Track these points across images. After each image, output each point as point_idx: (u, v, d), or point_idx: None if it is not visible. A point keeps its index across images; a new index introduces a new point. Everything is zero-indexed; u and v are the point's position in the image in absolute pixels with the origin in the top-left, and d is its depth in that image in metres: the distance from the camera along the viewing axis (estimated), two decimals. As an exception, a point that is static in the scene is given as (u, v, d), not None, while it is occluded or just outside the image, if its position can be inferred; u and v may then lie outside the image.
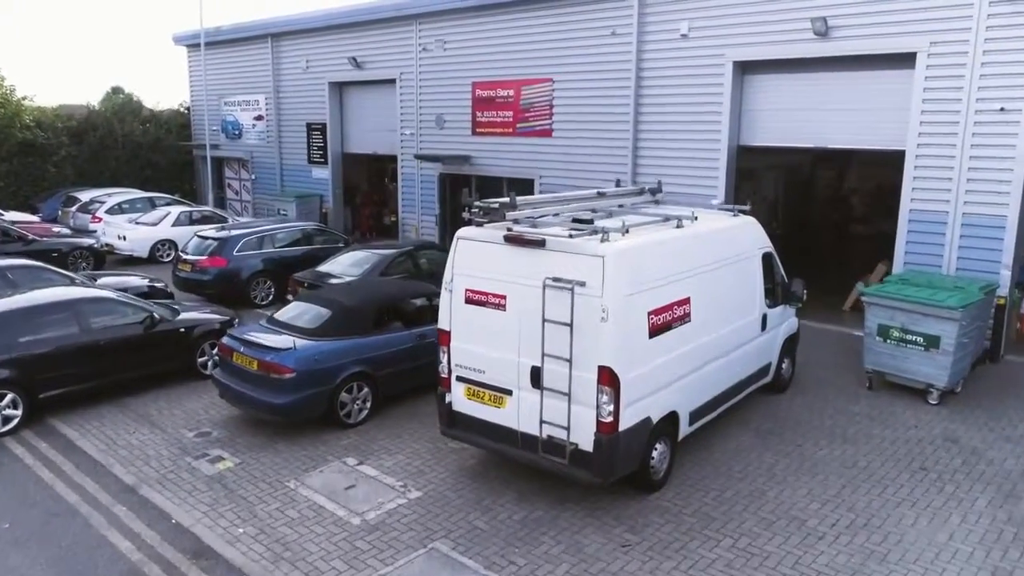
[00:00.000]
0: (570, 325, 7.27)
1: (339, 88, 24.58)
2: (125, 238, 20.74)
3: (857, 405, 10.78)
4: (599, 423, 7.32)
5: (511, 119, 19.33)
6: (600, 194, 9.79)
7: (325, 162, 25.16)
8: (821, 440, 9.57)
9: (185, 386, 11.41)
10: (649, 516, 7.74)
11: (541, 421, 7.65)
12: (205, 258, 15.82)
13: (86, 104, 31.93)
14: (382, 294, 10.75)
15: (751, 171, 18.54)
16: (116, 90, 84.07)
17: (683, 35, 15.87)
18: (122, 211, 22.84)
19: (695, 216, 8.62)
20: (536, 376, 7.64)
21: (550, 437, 7.61)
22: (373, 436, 9.69)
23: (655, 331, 7.76)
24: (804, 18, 14.11)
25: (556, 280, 7.35)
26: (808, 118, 14.88)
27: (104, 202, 23.22)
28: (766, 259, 10.20)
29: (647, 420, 7.74)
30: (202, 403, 10.81)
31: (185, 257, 16.07)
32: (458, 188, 21.54)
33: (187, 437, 9.72)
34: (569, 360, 7.34)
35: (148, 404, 10.79)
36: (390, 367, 10.21)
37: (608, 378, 7.22)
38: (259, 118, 27.40)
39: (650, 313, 7.68)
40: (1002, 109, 12.25)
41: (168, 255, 21.05)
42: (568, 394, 7.40)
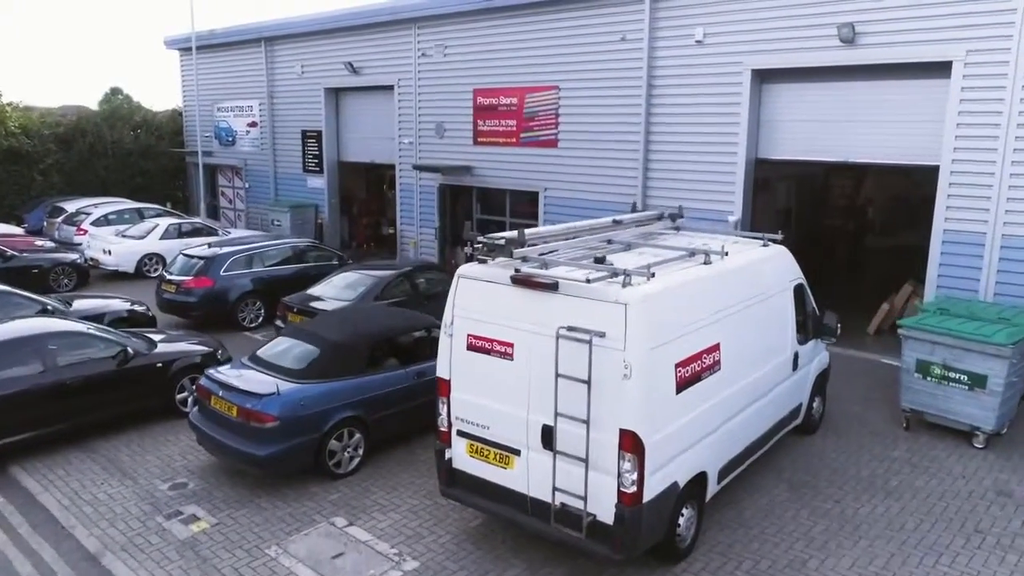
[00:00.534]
0: (587, 382, 6.35)
1: (335, 94, 23.65)
2: (110, 252, 19.80)
3: (896, 449, 9.85)
4: (621, 493, 6.39)
5: (514, 128, 18.41)
6: (616, 222, 8.86)
7: (320, 171, 24.24)
8: (862, 494, 8.64)
9: (162, 425, 10.49)
10: (676, 595, 6.83)
11: (554, 488, 6.72)
12: (190, 278, 14.89)
13: (76, 108, 31.04)
14: (376, 328, 9.81)
15: (764, 180, 17.61)
16: (115, 91, 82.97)
17: (698, 41, 14.94)
18: (108, 223, 21.93)
19: (725, 251, 7.68)
20: (548, 436, 6.72)
21: (564, 506, 6.69)
22: (365, 489, 8.77)
23: (683, 385, 6.84)
24: (830, 24, 13.19)
25: (571, 330, 6.43)
26: (832, 130, 13.95)
27: (90, 213, 22.28)
28: (798, 291, 9.28)
29: (674, 486, 6.82)
30: (179, 447, 9.89)
31: (169, 277, 15.15)
32: (459, 200, 20.67)
33: (160, 490, 8.79)
34: (586, 421, 6.42)
35: (120, 448, 9.87)
36: (385, 410, 9.29)
37: (631, 443, 6.30)
38: (253, 124, 26.48)
39: (677, 365, 6.75)
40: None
41: (155, 270, 20.12)
42: (585, 460, 6.47)
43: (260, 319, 15.41)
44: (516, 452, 7.04)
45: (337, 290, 13.42)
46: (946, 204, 12.54)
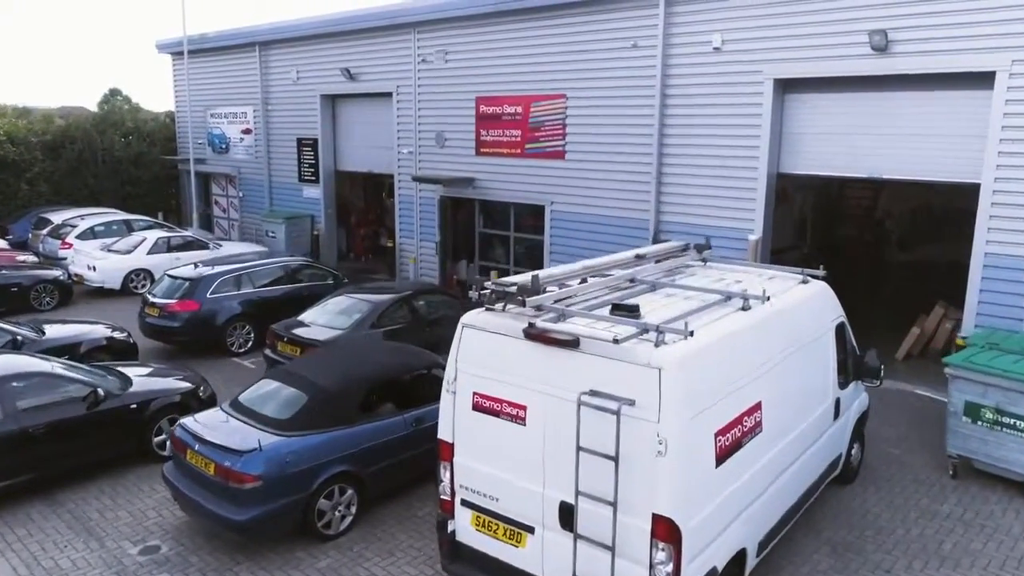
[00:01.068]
0: (615, 459, 5.43)
1: (331, 101, 22.73)
2: (95, 268, 18.87)
3: (944, 502, 8.92)
4: (653, 587, 5.48)
5: (519, 139, 17.48)
6: (638, 256, 7.94)
7: (316, 180, 23.31)
8: (913, 560, 7.72)
9: (136, 472, 9.58)
10: None
11: (574, 574, 5.81)
12: (174, 301, 13.97)
13: (76, 109, 30.08)
14: (370, 370, 8.88)
15: (781, 191, 16.67)
16: (114, 92, 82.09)
17: (715, 48, 14.01)
18: (95, 235, 21.01)
19: (767, 295, 6.74)
20: (567, 515, 5.81)
21: (586, 596, 5.78)
22: (358, 554, 7.85)
23: (723, 456, 5.92)
24: (860, 31, 12.27)
25: (595, 395, 5.52)
26: (860, 144, 13.02)
27: (76, 225, 21.35)
28: (839, 330, 8.36)
29: (712, 571, 5.90)
30: (154, 499, 8.97)
31: (153, 300, 14.21)
32: (460, 212, 19.75)
33: (129, 555, 7.87)
34: (613, 503, 5.50)
35: (89, 500, 8.95)
36: (380, 462, 8.37)
37: (666, 531, 5.38)
38: (247, 131, 25.55)
39: (717, 434, 5.83)
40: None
41: (143, 286, 19.19)
42: (611, 547, 5.56)
43: (250, 344, 14.49)
44: (529, 530, 6.13)
45: (330, 316, 12.49)
46: (987, 225, 11.61)
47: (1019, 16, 10.91)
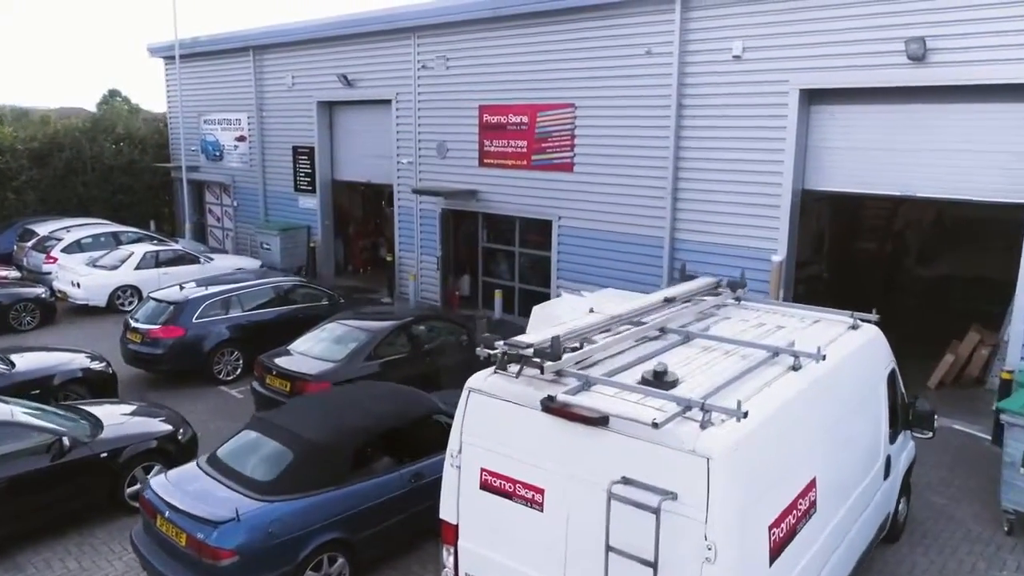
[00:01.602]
0: (653, 565, 4.53)
1: (328, 108, 21.82)
2: (79, 285, 17.96)
3: (1004, 568, 8.01)
4: None
5: (525, 150, 16.57)
6: (668, 300, 7.03)
7: (313, 190, 22.40)
8: (978, 644, 6.82)
9: (107, 529, 8.67)
10: None
11: None
12: (158, 327, 13.06)
13: (57, 115, 29.22)
14: (364, 421, 7.96)
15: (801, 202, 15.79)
16: (113, 93, 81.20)
17: (736, 56, 13.11)
18: (81, 249, 20.09)
19: (822, 353, 5.80)
20: (593, 622, 4.91)
21: None
22: (350, 635, 6.95)
23: (777, 551, 5.01)
24: (895, 38, 11.36)
25: (628, 484, 4.62)
26: (893, 160, 12.11)
27: (61, 238, 20.43)
28: (890, 379, 7.45)
29: None
30: (124, 562, 8.06)
31: (135, 324, 13.30)
32: (463, 224, 18.86)
33: (91, 635, 6.98)
34: (650, 617, 4.60)
35: (52, 565, 8.05)
36: (375, 525, 7.48)
37: (715, 651, 4.48)
38: (241, 139, 24.65)
39: (771, 527, 4.93)
40: None
41: (130, 303, 18.30)
42: (648, 666, 4.66)
43: (238, 371, 13.59)
44: (547, 632, 5.23)
45: (323, 346, 11.58)
46: (1035, 251, 10.71)
47: (1073, 23, 10.02)
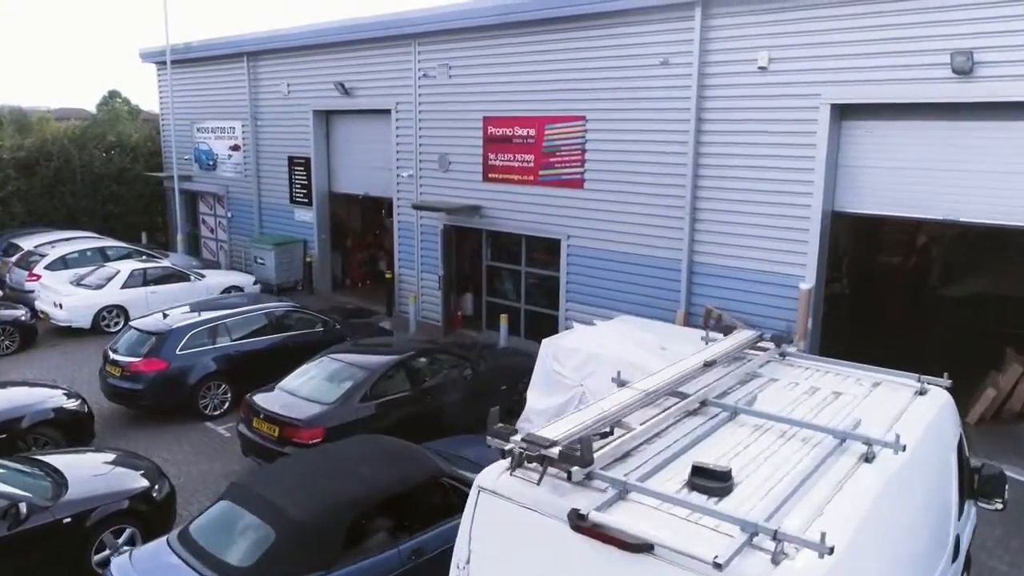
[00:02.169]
0: None
1: (325, 117, 20.90)
2: (61, 306, 17.03)
3: (1082, 655, 7.08)
4: None
5: (532, 164, 15.64)
6: (707, 364, 6.09)
7: (309, 203, 21.47)
8: None
9: (71, 603, 7.77)
10: None
11: None
12: (139, 360, 12.14)
13: (56, 116, 28.31)
14: (357, 490, 6.98)
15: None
16: (113, 94, 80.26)
17: (761, 68, 12.18)
18: (66, 265, 19.18)
19: (901, 443, 4.82)
20: None
21: None
22: None
23: None
24: (939, 50, 10.42)
25: (680, 630, 3.68)
26: (934, 181, 11.17)
27: (46, 254, 19.51)
28: (958, 447, 6.51)
29: None
30: (87, 648, 7.16)
31: (114, 357, 12.38)
32: (466, 241, 17.94)
33: None
34: None
35: (5, 650, 7.15)
36: (369, 615, 6.55)
37: None
38: (235, 148, 23.73)
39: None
40: None
41: (116, 324, 17.40)
42: None
43: (226, 405, 12.67)
44: None
45: (315, 384, 10.66)
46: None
47: None
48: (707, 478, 4.27)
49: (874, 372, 6.45)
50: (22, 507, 7.51)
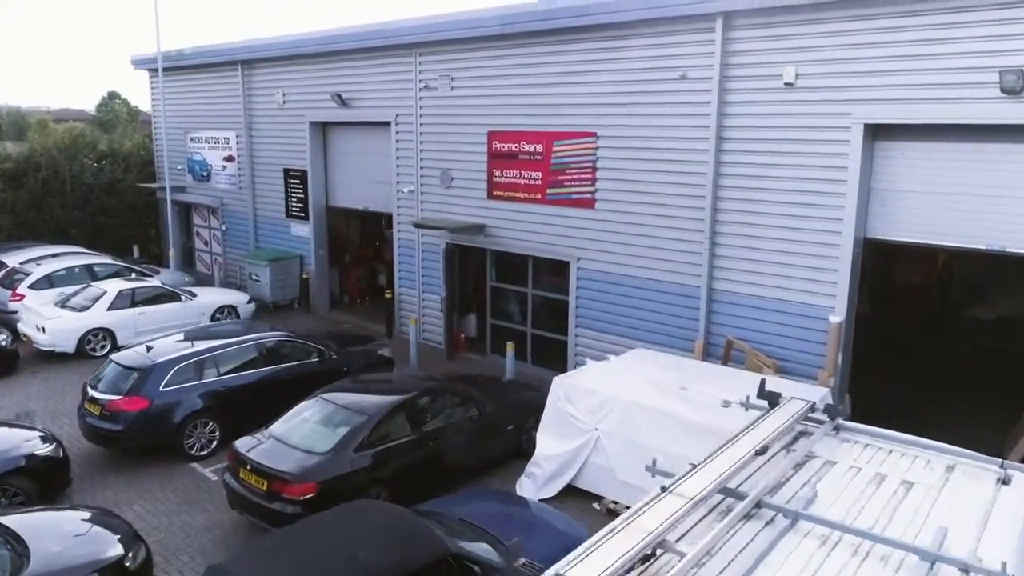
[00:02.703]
0: None
1: (322, 129, 20.06)
2: (44, 330, 16.20)
3: None
4: None
5: (539, 182, 14.80)
6: (759, 453, 5.25)
7: (306, 217, 20.64)
8: None
9: None
10: None
11: None
12: (119, 398, 11.29)
13: (55, 117, 27.47)
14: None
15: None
16: (112, 95, 79.49)
17: (788, 84, 11.34)
18: (51, 284, 18.35)
19: (1007, 573, 3.99)
20: None
21: None
22: None
23: None
24: (987, 68, 9.59)
25: None
26: (977, 207, 10.33)
27: (31, 273, 18.67)
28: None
29: None
30: None
31: (93, 394, 11.54)
32: (469, 259, 17.11)
33: None
34: None
35: None
36: None
37: None
38: (229, 159, 22.90)
39: None
40: None
41: (102, 347, 16.58)
42: None
43: (214, 444, 11.83)
44: None
45: (307, 430, 9.82)
46: None
47: None
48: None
49: (944, 451, 5.61)
50: (-26, 589, 6.69)
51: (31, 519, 8.16)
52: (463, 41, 15.55)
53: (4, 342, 15.59)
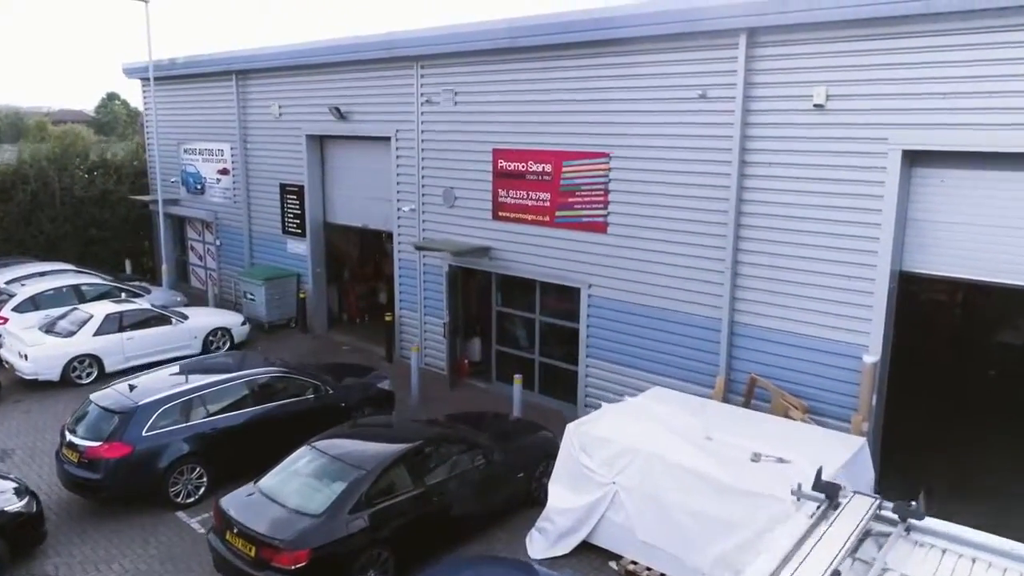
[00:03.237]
0: None
1: (319, 142, 19.27)
2: (27, 356, 15.41)
3: None
4: None
5: (548, 204, 14.01)
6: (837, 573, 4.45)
7: (303, 234, 19.85)
8: None
9: None
10: None
11: None
12: (99, 444, 10.49)
13: (54, 118, 26.71)
14: None
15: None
16: (111, 96, 78.73)
17: (817, 105, 10.54)
18: (36, 306, 17.57)
19: None
20: None
21: None
22: None
23: None
24: (1040, 92, 8.79)
25: None
26: (1020, 240, 9.54)
27: (15, 294, 17.89)
28: None
29: None
30: None
31: (71, 439, 10.74)
32: (472, 281, 16.32)
33: None
34: None
35: None
36: None
37: None
38: (224, 171, 22.12)
39: None
40: None
41: (88, 374, 15.83)
42: None
43: (201, 491, 11.04)
44: None
45: (299, 486, 9.03)
46: None
47: None
48: None
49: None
50: None
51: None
52: (468, 54, 14.75)
53: (-16, 371, 14.83)
